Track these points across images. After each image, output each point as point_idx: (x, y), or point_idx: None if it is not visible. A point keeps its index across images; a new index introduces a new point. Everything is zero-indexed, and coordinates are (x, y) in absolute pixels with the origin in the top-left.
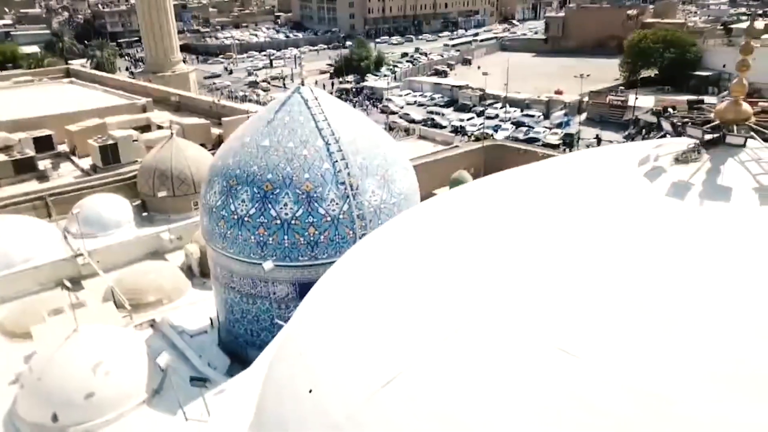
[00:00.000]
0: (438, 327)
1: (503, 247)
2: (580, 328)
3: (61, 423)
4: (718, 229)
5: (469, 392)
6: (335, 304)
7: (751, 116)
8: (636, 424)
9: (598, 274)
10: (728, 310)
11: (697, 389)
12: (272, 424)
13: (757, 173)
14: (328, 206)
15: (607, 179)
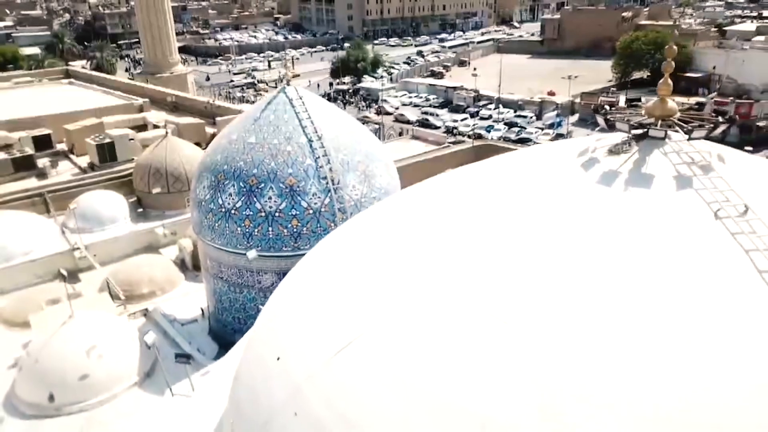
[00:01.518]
0: (387, 301)
1: (451, 231)
2: (512, 299)
3: (57, 403)
4: (638, 211)
5: (412, 357)
6: (303, 286)
7: (676, 113)
8: (560, 381)
9: (527, 251)
10: (636, 282)
11: (611, 359)
12: (244, 389)
13: (677, 163)
14: (311, 200)
15: (549, 168)
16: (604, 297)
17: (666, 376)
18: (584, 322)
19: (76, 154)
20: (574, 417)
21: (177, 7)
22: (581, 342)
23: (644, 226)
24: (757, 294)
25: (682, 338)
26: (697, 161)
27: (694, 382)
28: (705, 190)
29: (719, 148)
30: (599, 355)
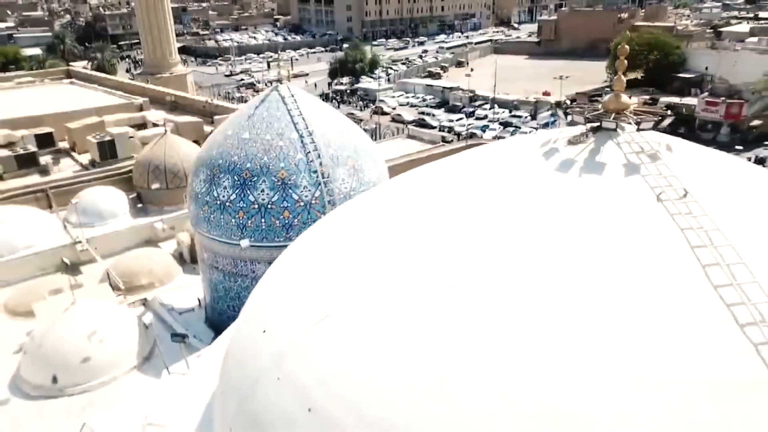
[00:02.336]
0: (360, 279)
1: (420, 214)
2: (471, 272)
3: (60, 384)
4: (589, 194)
5: (382, 325)
6: (288, 269)
7: (630, 107)
8: (512, 343)
9: (486, 230)
10: (583, 258)
11: (560, 321)
12: (232, 360)
13: (628, 152)
14: (302, 192)
15: (515, 157)
16: (551, 267)
17: (606, 338)
18: (535, 289)
19: (78, 151)
20: (524, 373)
21: (177, 8)
22: (532, 307)
23: (594, 208)
24: (690, 267)
25: (620, 304)
26: (645, 150)
27: (631, 345)
28: (650, 176)
29: (668, 138)
30: (549, 317)
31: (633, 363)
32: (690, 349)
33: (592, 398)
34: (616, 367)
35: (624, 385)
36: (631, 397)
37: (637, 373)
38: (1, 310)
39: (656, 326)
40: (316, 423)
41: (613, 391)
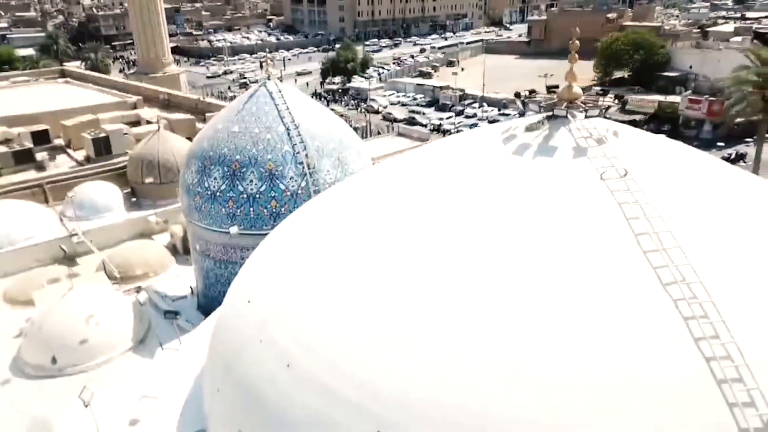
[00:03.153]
0: (335, 252)
1: (390, 194)
2: (432, 242)
3: (59, 365)
4: (541, 174)
5: (354, 293)
6: (271, 249)
7: (581, 96)
8: (467, 305)
9: (449, 206)
10: (531, 229)
11: (510, 287)
12: (221, 330)
13: (577, 137)
14: (288, 183)
15: (478, 142)
16: (505, 238)
17: (552, 297)
18: (490, 257)
19: (73, 148)
20: (481, 333)
21: (170, 8)
22: (489, 274)
23: (545, 186)
24: (625, 237)
25: (562, 264)
26: (593, 135)
27: (571, 297)
28: (596, 158)
29: (616, 125)
30: (504, 281)
31: (573, 318)
32: (618, 298)
33: (540, 353)
34: (563, 325)
35: (567, 335)
36: (574, 345)
37: (575, 327)
38: (1, 299)
39: (593, 281)
40: (294, 377)
41: (560, 343)
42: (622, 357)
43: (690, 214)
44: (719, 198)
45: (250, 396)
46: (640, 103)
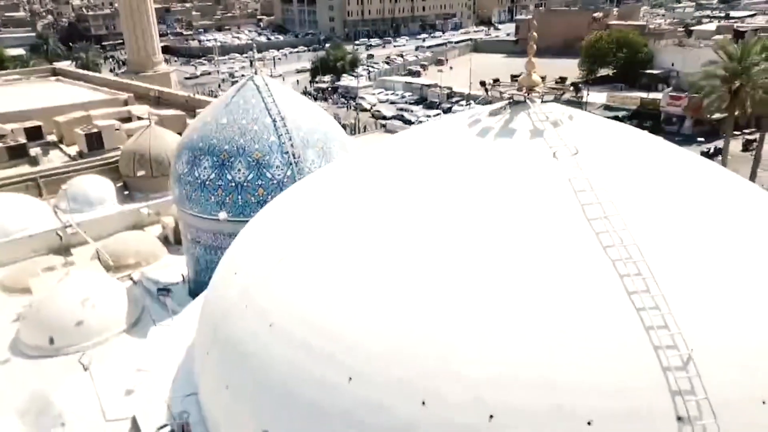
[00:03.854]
0: (310, 230)
1: (363, 175)
2: (397, 214)
3: (56, 345)
4: (501, 152)
5: (324, 265)
6: (254, 228)
7: (539, 84)
8: (428, 276)
9: (414, 183)
10: (489, 200)
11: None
12: (210, 300)
13: (535, 120)
14: (274, 171)
15: (446, 126)
16: (461, 210)
17: (504, 271)
18: (449, 226)
19: (65, 143)
20: (436, 288)
21: (160, 8)
22: (449, 241)
23: (504, 163)
24: (571, 206)
25: (515, 232)
26: (550, 119)
27: (522, 263)
28: (551, 138)
29: (572, 110)
30: (457, 247)
31: (524, 268)
32: (564, 259)
33: (490, 308)
34: (513, 277)
35: (515, 284)
36: (521, 290)
37: (525, 275)
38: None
39: (544, 243)
40: (275, 335)
41: (507, 294)
42: (565, 307)
43: (631, 187)
44: (659, 173)
45: (236, 354)
46: (623, 100)
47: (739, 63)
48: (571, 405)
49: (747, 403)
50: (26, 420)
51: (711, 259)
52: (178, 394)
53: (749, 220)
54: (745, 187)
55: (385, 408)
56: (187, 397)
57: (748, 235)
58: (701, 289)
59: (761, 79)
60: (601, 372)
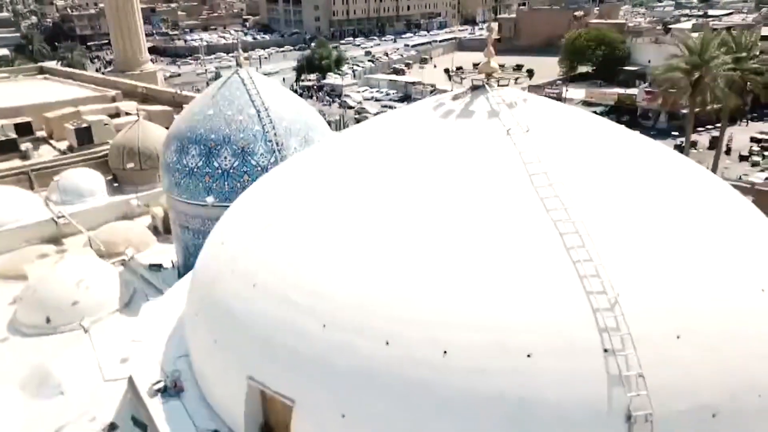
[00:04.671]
0: (288, 204)
1: (338, 152)
2: (365, 184)
3: (52, 324)
4: (461, 131)
5: (301, 228)
6: (240, 204)
7: (497, 70)
8: (393, 238)
9: (382, 158)
10: (449, 168)
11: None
12: (199, 269)
13: (492, 103)
14: (259, 159)
15: (414, 109)
16: (424, 180)
17: (460, 231)
18: (412, 193)
19: (55, 139)
20: (399, 247)
21: (146, 8)
22: (409, 202)
23: (463, 140)
24: (520, 176)
25: (469, 195)
26: (506, 101)
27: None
28: (505, 118)
29: (526, 94)
30: (419, 210)
31: (478, 228)
32: (513, 219)
33: (444, 266)
34: (468, 237)
35: (469, 244)
36: (472, 247)
37: (479, 235)
38: None
39: (496, 206)
40: (258, 293)
41: (461, 251)
42: (511, 259)
43: (573, 159)
44: (599, 147)
45: (223, 312)
46: (601, 96)
47: (699, 56)
48: (512, 341)
49: (662, 337)
50: (27, 390)
51: (636, 219)
52: (170, 356)
53: (673, 187)
54: (680, 162)
55: (354, 349)
56: (179, 359)
57: (670, 199)
58: (628, 244)
59: (719, 71)
60: (540, 314)
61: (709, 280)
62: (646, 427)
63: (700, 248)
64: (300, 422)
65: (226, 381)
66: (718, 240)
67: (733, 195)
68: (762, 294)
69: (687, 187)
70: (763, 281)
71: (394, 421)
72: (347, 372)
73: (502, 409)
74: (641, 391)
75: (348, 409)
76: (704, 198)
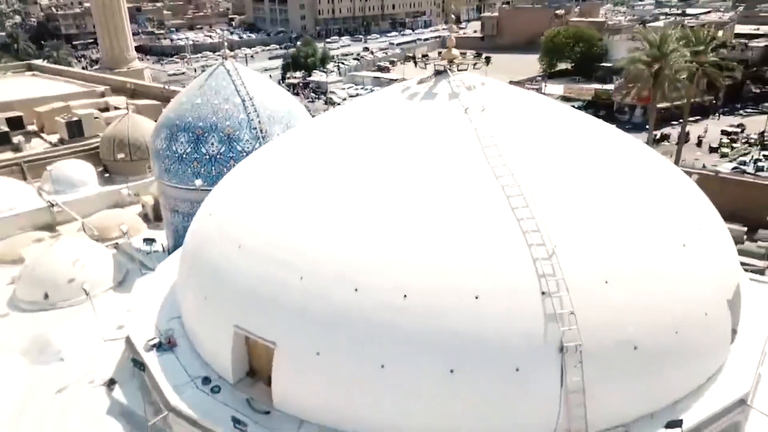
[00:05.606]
0: (268, 178)
1: (311, 134)
2: (335, 163)
3: (50, 300)
4: (424, 110)
5: (280, 198)
6: (224, 183)
7: (457, 57)
8: (360, 207)
9: (353, 135)
10: (412, 143)
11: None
12: (189, 239)
13: (453, 86)
14: (244, 144)
15: (384, 94)
16: (390, 152)
17: (420, 194)
18: (379, 164)
19: (46, 132)
20: (363, 212)
21: (132, 8)
22: (374, 172)
23: (426, 117)
24: (474, 147)
25: (435, 170)
26: (465, 84)
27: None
28: (464, 99)
29: (485, 79)
30: (383, 179)
31: (438, 186)
32: (465, 183)
33: (404, 225)
34: (428, 196)
35: (428, 201)
36: (429, 202)
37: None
38: None
39: (452, 172)
40: (243, 253)
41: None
42: (463, 216)
43: (522, 133)
44: (546, 123)
45: (212, 271)
46: (579, 91)
47: (658, 49)
48: (463, 285)
49: (592, 282)
50: (29, 357)
51: (574, 185)
52: (163, 318)
53: (612, 160)
54: (625, 141)
55: (328, 296)
56: (171, 320)
57: (607, 170)
58: (566, 205)
59: (677, 63)
60: (488, 262)
61: (635, 236)
62: (576, 357)
63: (630, 211)
64: (281, 362)
65: (215, 332)
66: (648, 205)
67: (673, 172)
68: (683, 248)
69: (625, 161)
70: (684, 238)
71: (362, 357)
72: (321, 316)
73: (455, 343)
74: (572, 326)
75: (322, 348)
76: (639, 170)
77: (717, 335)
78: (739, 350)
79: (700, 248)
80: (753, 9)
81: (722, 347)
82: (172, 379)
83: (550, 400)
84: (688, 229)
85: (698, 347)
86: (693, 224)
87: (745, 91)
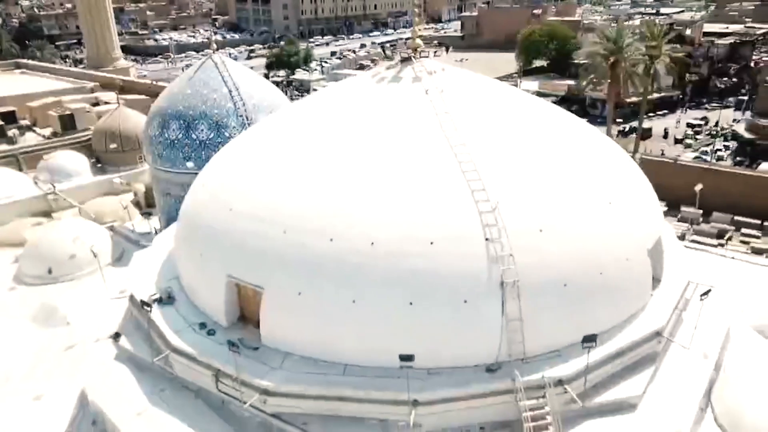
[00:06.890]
0: (254, 152)
1: (289, 114)
2: (310, 138)
3: (54, 274)
4: (389, 92)
5: (265, 166)
6: (216, 158)
7: (421, 46)
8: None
9: (326, 114)
10: (379, 121)
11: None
12: (184, 208)
13: (417, 71)
14: (231, 131)
15: (355, 79)
16: (360, 128)
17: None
18: (349, 137)
19: (39, 126)
20: (337, 174)
21: (115, 8)
22: (347, 143)
23: (391, 98)
24: (434, 123)
25: (399, 140)
26: (427, 70)
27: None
28: (426, 82)
29: (446, 66)
30: (355, 148)
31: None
32: (423, 151)
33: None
34: (394, 155)
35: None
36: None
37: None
38: None
39: (414, 143)
40: (234, 214)
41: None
42: (421, 177)
43: (475, 110)
44: (497, 103)
45: (206, 231)
46: (553, 87)
47: (614, 43)
48: (421, 233)
49: (528, 230)
50: (37, 322)
51: (518, 153)
52: (162, 278)
53: (554, 135)
54: (572, 121)
55: (307, 246)
56: (170, 280)
57: (548, 142)
58: (509, 169)
59: (632, 56)
60: (441, 214)
61: (567, 195)
62: (514, 290)
63: (564, 175)
64: (268, 302)
65: (210, 283)
66: (580, 172)
67: (612, 150)
68: (609, 205)
69: (565, 136)
70: (611, 198)
71: (336, 295)
72: (302, 262)
73: (413, 281)
74: (511, 266)
75: (303, 288)
76: (577, 145)
77: (637, 278)
78: (661, 296)
79: (624, 207)
80: (723, 9)
81: (643, 289)
82: (172, 325)
83: (493, 327)
84: (614, 192)
85: (620, 286)
86: (620, 188)
87: (711, 86)
